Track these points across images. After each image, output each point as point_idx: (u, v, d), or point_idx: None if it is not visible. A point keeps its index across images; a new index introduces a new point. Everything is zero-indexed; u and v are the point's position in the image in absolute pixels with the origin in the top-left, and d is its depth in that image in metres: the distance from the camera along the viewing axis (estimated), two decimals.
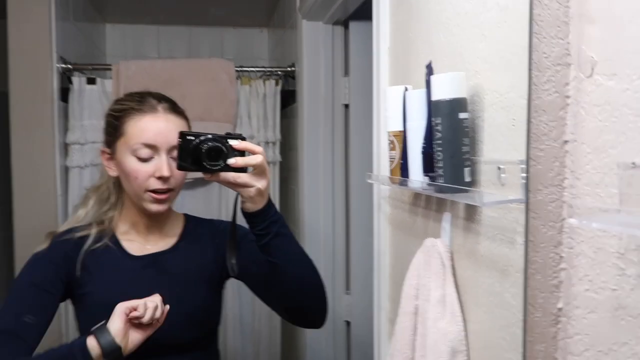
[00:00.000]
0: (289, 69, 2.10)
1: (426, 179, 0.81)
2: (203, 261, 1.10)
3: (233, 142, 0.88)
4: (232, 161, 0.87)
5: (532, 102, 0.56)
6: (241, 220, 0.97)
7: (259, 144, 2.03)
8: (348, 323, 1.95)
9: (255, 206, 0.90)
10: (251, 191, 0.88)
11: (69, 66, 1.86)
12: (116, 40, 2.64)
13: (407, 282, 0.86)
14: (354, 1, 1.71)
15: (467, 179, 0.74)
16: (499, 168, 0.69)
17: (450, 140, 0.73)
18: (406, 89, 0.89)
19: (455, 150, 0.73)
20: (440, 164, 0.75)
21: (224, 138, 0.88)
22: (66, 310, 1.79)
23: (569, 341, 0.56)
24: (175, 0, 2.35)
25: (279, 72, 2.15)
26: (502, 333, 0.69)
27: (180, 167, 0.89)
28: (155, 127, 1.01)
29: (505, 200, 0.65)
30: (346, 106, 1.97)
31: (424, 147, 0.81)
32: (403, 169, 0.89)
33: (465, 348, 0.77)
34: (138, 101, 1.04)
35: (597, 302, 0.53)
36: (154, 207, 1.02)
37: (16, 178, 1.74)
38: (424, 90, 0.83)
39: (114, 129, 1.04)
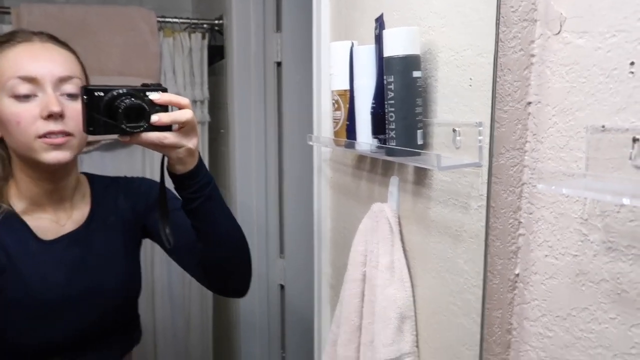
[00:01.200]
0: (216, 21, 1.95)
1: (375, 141, 0.77)
2: (125, 228, 0.98)
3: (153, 96, 0.75)
4: (154, 118, 0.74)
5: (498, 59, 0.53)
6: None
7: None
8: (282, 287, 1.93)
9: (184, 167, 0.80)
10: (180, 152, 0.77)
11: None
12: None
13: (354, 249, 0.83)
14: None
15: (420, 141, 0.70)
16: (454, 130, 0.66)
17: (403, 100, 0.69)
18: (352, 45, 0.83)
19: (408, 111, 0.70)
20: (393, 126, 0.71)
21: (141, 91, 0.75)
22: None
23: (525, 307, 0.56)
24: None
25: (205, 25, 2.00)
26: (454, 299, 0.68)
27: (90, 132, 0.74)
28: (33, 57, 0.84)
29: (462, 164, 0.62)
30: (278, 64, 1.88)
31: (373, 108, 0.77)
32: (349, 130, 0.85)
33: (414, 313, 0.76)
34: (7, 35, 0.87)
35: (556, 268, 0.52)
36: (51, 157, 0.83)
37: None
38: (372, 46, 0.78)
39: None
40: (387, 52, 0.70)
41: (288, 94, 1.85)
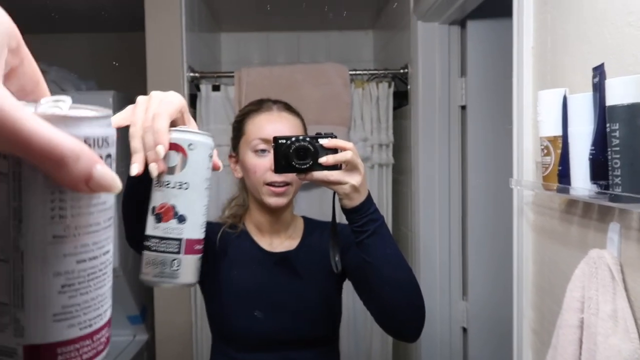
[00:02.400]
0: (401, 70, 2.09)
1: (594, 187, 0.78)
2: (325, 261, 1.13)
3: (323, 141, 0.90)
4: (322, 159, 0.88)
5: None
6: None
7: (372, 147, 2.05)
8: (464, 329, 1.91)
9: (351, 202, 0.91)
10: (345, 188, 0.89)
11: (197, 74, 1.99)
12: (230, 48, 2.78)
13: (569, 294, 0.82)
14: (473, 1, 1.67)
15: None
16: None
17: (630, 147, 0.69)
18: (565, 92, 0.85)
19: (636, 158, 0.69)
20: (617, 172, 0.71)
21: (313, 138, 0.90)
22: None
23: None
24: (283, 8, 2.43)
25: (390, 75, 2.15)
26: None
27: (276, 170, 0.92)
28: (270, 123, 1.08)
29: None
30: (463, 107, 1.93)
31: (592, 154, 0.77)
32: (562, 175, 0.86)
33: None
34: (256, 104, 1.14)
35: None
36: (273, 201, 1.06)
37: None
38: (589, 94, 0.80)
39: (237, 132, 1.13)
40: (611, 101, 0.71)
41: (472, 136, 1.87)
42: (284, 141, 0.91)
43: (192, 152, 0.60)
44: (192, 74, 1.97)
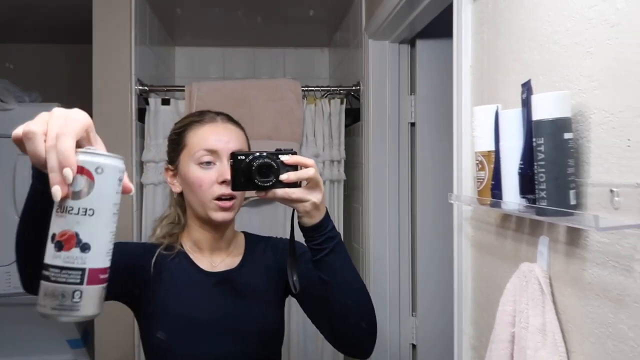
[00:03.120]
0: (353, 87, 2.11)
1: (523, 201, 0.79)
2: (268, 278, 1.11)
3: (284, 158, 0.88)
4: (284, 177, 0.86)
5: None
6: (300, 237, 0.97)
7: (323, 163, 2.04)
8: (414, 346, 1.90)
9: (311, 220, 0.90)
10: (306, 205, 0.88)
11: (146, 88, 1.94)
12: (185, 63, 2.75)
13: (501, 308, 0.82)
14: (421, 20, 1.71)
15: (572, 201, 0.70)
16: (611, 191, 0.65)
17: (554, 161, 0.70)
18: (498, 108, 0.87)
19: (560, 172, 0.70)
20: (543, 186, 0.72)
21: (274, 154, 0.88)
22: None
23: None
24: (240, 24, 2.43)
25: (342, 91, 2.17)
26: None
27: (234, 187, 0.90)
28: (215, 134, 1.05)
29: (623, 225, 0.61)
30: (412, 124, 1.95)
31: (521, 168, 0.78)
32: (494, 189, 0.87)
33: None
34: (198, 115, 1.11)
35: None
36: (220, 216, 1.03)
37: None
38: (519, 110, 0.81)
39: (177, 144, 1.09)
40: (537, 116, 0.73)
41: (421, 153, 1.90)
42: (243, 157, 0.88)
43: (100, 175, 0.56)
44: (140, 87, 1.92)
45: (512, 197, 0.81)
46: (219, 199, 1.02)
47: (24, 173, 1.86)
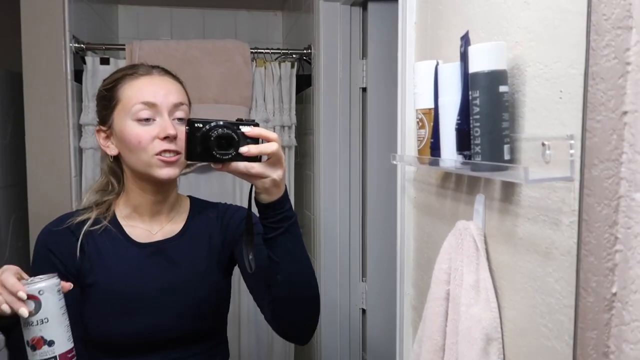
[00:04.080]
0: (304, 51, 2.05)
1: (460, 158, 0.77)
2: (211, 247, 1.05)
3: (245, 129, 0.82)
4: (244, 149, 0.81)
5: (590, 68, 0.52)
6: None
7: (274, 128, 1.99)
8: (364, 311, 1.92)
9: (269, 197, 0.85)
10: (266, 182, 0.83)
11: (82, 45, 1.82)
12: (129, 22, 2.60)
13: (437, 266, 0.82)
14: None
15: (507, 156, 0.69)
16: (543, 144, 0.64)
17: (489, 115, 0.69)
18: (437, 63, 0.84)
19: (495, 126, 0.69)
20: (478, 141, 0.70)
21: (235, 125, 0.82)
22: None
23: (625, 328, 0.52)
24: None
25: (294, 55, 2.10)
26: (544, 320, 0.65)
27: (189, 157, 0.83)
28: (153, 86, 0.97)
29: (552, 177, 0.60)
30: (364, 89, 1.92)
31: (458, 124, 0.77)
32: (433, 147, 0.85)
33: (500, 335, 0.73)
34: (130, 68, 1.02)
35: None
36: (165, 172, 0.95)
37: (30, 159, 1.72)
38: (458, 64, 0.79)
39: (108, 101, 0.99)
40: (473, 68, 0.70)
41: (373, 118, 1.88)
42: (201, 125, 0.81)
43: (43, 295, 0.79)
44: (76, 45, 1.80)
45: (449, 154, 0.80)
46: (161, 154, 0.94)
47: None
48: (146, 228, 1.03)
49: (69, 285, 0.83)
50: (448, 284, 0.80)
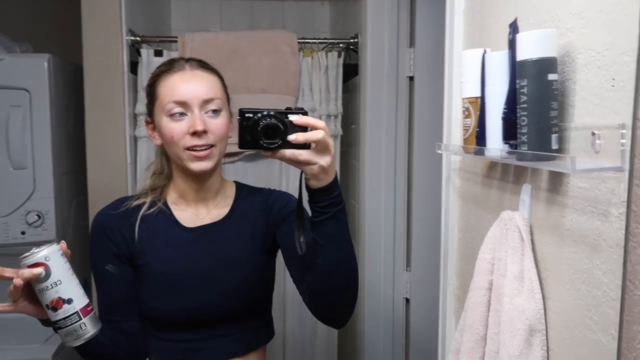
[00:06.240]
0: (352, 40, 2.05)
1: (506, 147, 0.76)
2: (255, 231, 1.09)
3: (293, 118, 0.84)
4: (292, 137, 0.82)
5: None
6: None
7: (320, 117, 2.01)
8: (407, 300, 1.92)
9: (318, 183, 0.86)
10: (314, 168, 0.84)
11: (138, 38, 1.90)
12: (181, 15, 2.68)
13: (480, 256, 0.82)
14: None
15: (555, 146, 0.68)
16: (593, 134, 0.63)
17: (536, 103, 0.68)
18: (485, 52, 0.83)
19: (542, 115, 0.68)
20: (524, 130, 0.69)
21: (283, 114, 0.84)
22: None
23: None
24: None
25: (341, 45, 2.11)
26: (589, 312, 0.64)
27: (241, 145, 0.86)
28: (183, 83, 1.01)
29: (602, 167, 0.59)
30: (411, 78, 1.90)
31: (504, 113, 0.76)
32: (479, 137, 0.84)
33: (544, 327, 0.72)
34: (167, 64, 1.06)
35: None
36: (195, 166, 1.00)
37: (89, 147, 1.81)
38: (506, 52, 0.77)
39: (150, 97, 1.06)
40: (521, 56, 0.69)
41: (420, 107, 1.86)
42: (251, 115, 0.84)
43: (50, 261, 0.85)
44: (132, 38, 1.88)
45: (495, 144, 0.79)
46: (191, 149, 1.00)
47: (17, 124, 1.85)
48: (194, 212, 1.09)
49: (67, 250, 0.89)
50: (491, 274, 0.79)
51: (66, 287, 0.86)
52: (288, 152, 0.83)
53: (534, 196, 0.77)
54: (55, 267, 0.85)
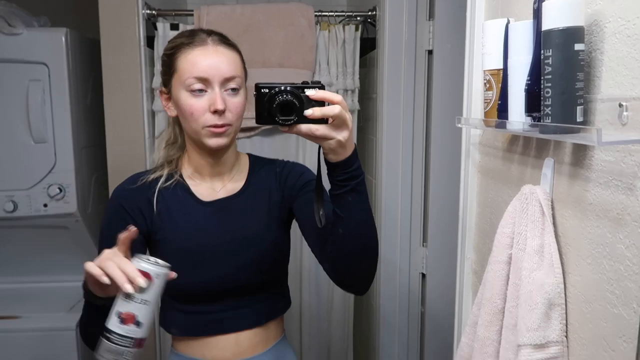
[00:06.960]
0: (369, 13, 2.01)
1: (528, 120, 0.75)
2: (271, 203, 1.10)
3: (310, 92, 0.82)
4: (308, 112, 0.81)
5: None
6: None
7: (337, 92, 1.99)
8: (423, 275, 1.93)
9: (336, 157, 0.86)
10: (331, 143, 0.83)
11: (154, 12, 1.89)
12: None
13: (500, 230, 0.81)
14: None
15: (579, 118, 0.66)
16: (620, 105, 0.61)
17: (562, 74, 0.66)
18: (508, 22, 0.81)
19: (567, 86, 0.66)
20: (548, 102, 0.68)
21: (299, 88, 0.83)
22: None
23: None
24: None
25: (359, 18, 2.07)
26: (611, 287, 0.63)
27: (258, 121, 0.85)
28: (206, 59, 0.99)
29: (629, 140, 0.58)
30: (430, 52, 1.87)
31: (527, 84, 0.74)
32: (501, 110, 0.83)
33: (564, 301, 0.72)
34: (188, 36, 1.04)
35: None
36: (213, 142, 1.01)
37: (108, 121, 1.83)
38: (530, 22, 0.75)
39: (168, 67, 1.04)
40: (546, 26, 0.67)
41: (438, 81, 1.83)
42: (267, 90, 0.83)
43: (157, 279, 0.82)
44: (148, 11, 1.87)
45: (517, 116, 0.77)
46: (210, 127, 1.00)
47: (37, 98, 1.87)
48: (209, 186, 1.10)
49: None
50: (510, 248, 0.79)
51: (147, 311, 0.81)
52: (304, 128, 0.82)
53: (556, 170, 0.76)
54: (154, 288, 0.82)
